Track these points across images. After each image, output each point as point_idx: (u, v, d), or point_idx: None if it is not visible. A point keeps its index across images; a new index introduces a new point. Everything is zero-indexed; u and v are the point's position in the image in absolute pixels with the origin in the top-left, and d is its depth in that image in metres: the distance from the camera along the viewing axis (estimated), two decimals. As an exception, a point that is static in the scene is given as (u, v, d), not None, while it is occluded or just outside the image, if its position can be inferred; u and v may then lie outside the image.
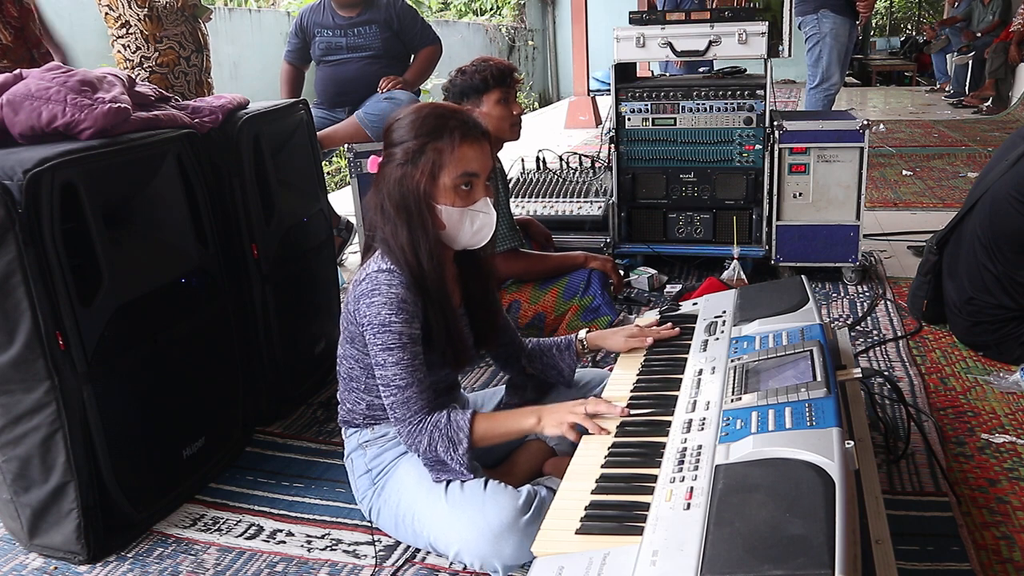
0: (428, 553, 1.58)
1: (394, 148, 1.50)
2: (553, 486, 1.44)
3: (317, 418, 2.21)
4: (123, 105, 1.67)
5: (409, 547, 1.61)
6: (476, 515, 1.43)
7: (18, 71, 1.70)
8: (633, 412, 1.46)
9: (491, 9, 11.60)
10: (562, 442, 1.72)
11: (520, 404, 1.83)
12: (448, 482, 1.50)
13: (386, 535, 1.64)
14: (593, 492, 1.24)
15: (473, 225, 1.52)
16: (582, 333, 1.83)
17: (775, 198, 2.98)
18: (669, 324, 1.80)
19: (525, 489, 1.48)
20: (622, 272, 3.09)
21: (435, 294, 1.51)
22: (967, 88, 8.90)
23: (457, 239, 1.54)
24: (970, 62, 8.89)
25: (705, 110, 3.05)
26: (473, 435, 1.46)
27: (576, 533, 1.15)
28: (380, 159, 1.56)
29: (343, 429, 1.69)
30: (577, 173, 3.60)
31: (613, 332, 1.81)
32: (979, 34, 8.84)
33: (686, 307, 1.92)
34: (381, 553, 1.61)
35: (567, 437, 1.45)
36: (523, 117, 2.49)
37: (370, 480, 1.61)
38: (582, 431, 1.44)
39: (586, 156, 3.71)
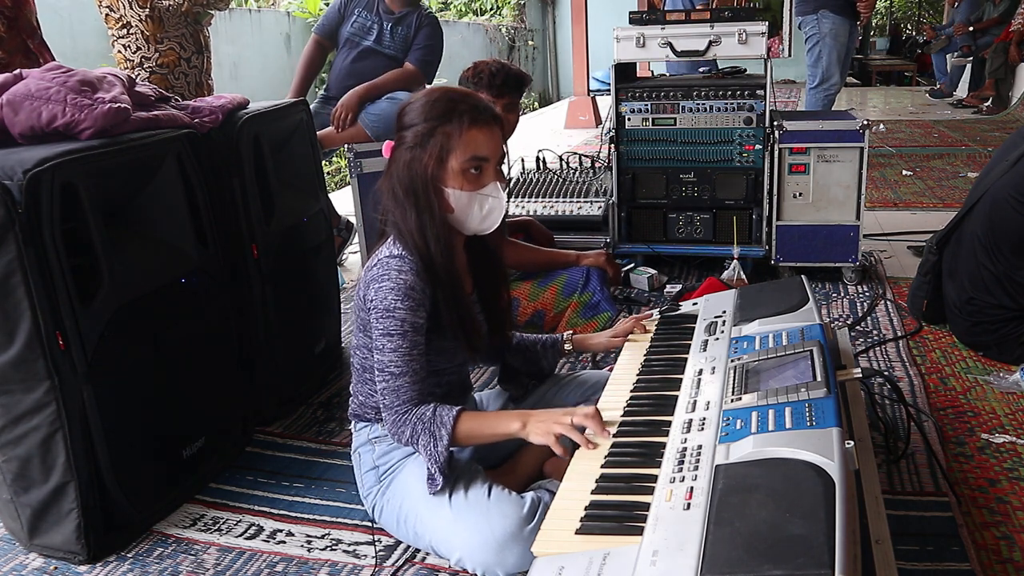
0: (428, 553, 1.58)
1: (405, 131, 1.52)
2: (555, 490, 1.44)
3: (317, 418, 2.21)
4: (123, 105, 1.67)
5: (409, 547, 1.61)
6: (480, 523, 1.42)
7: (18, 71, 1.70)
8: (633, 412, 1.46)
9: (491, 9, 11.60)
10: (563, 442, 1.72)
11: (521, 395, 1.85)
12: (452, 487, 1.49)
13: (386, 534, 1.64)
14: (593, 492, 1.24)
15: (483, 209, 1.53)
16: (567, 334, 1.87)
17: (775, 198, 2.98)
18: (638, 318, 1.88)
19: (529, 497, 1.47)
20: (622, 273, 3.09)
21: (445, 277, 1.52)
22: (967, 88, 8.89)
23: (466, 223, 1.54)
24: (969, 64, 8.88)
25: (705, 110, 3.04)
26: (456, 433, 1.45)
27: (576, 533, 1.15)
28: (393, 144, 1.57)
29: (353, 422, 1.69)
30: (577, 173, 3.59)
31: (596, 336, 1.89)
32: (972, 27, 8.83)
33: (686, 307, 1.92)
34: (381, 553, 1.61)
35: (553, 449, 1.41)
36: (522, 119, 2.53)
37: (376, 477, 1.61)
38: (567, 445, 1.41)
39: (586, 156, 3.71)
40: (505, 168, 1.67)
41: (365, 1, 3.49)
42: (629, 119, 3.12)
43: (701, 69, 3.70)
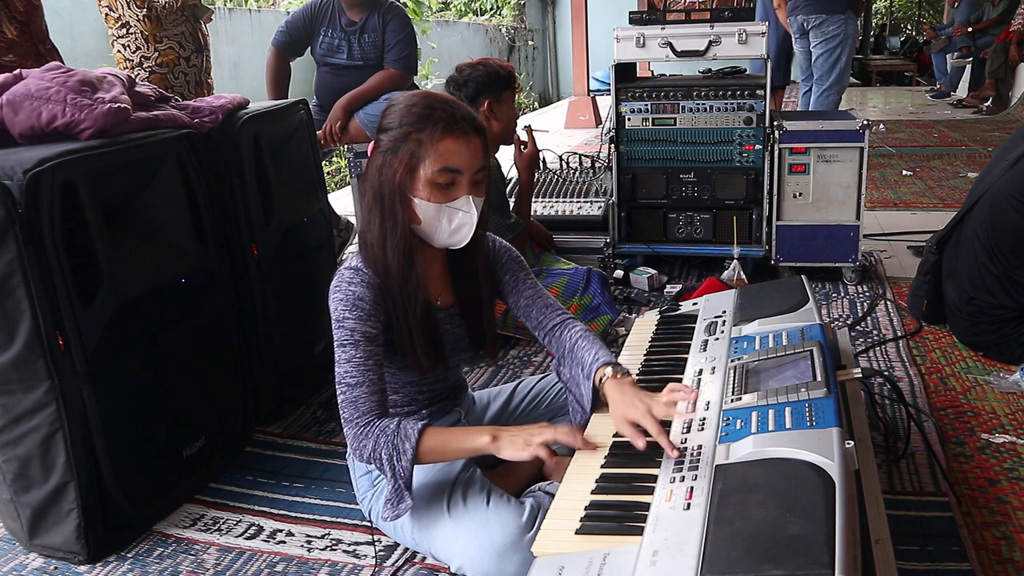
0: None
1: (382, 134, 1.47)
2: (554, 492, 1.43)
3: (317, 418, 2.21)
4: (123, 105, 1.67)
5: (409, 547, 1.61)
6: (480, 531, 1.40)
7: (18, 71, 1.70)
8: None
9: (491, 9, 11.59)
10: (561, 449, 1.71)
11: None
12: (450, 494, 1.47)
13: (386, 535, 1.64)
14: (593, 492, 1.24)
15: (451, 223, 1.46)
16: (608, 371, 1.47)
17: (775, 198, 2.98)
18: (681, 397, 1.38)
19: (528, 503, 1.46)
20: (621, 272, 3.09)
21: (399, 292, 1.47)
22: (967, 89, 8.89)
23: (434, 236, 1.49)
24: (968, 64, 8.88)
25: (705, 110, 3.04)
26: (420, 447, 1.37)
27: (576, 533, 1.15)
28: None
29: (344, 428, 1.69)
30: (577, 173, 3.60)
31: (615, 411, 1.41)
32: (971, 28, 8.83)
33: (686, 307, 1.92)
34: (381, 553, 1.61)
35: (534, 458, 1.34)
36: (522, 117, 2.53)
37: (370, 481, 1.61)
38: (565, 451, 1.37)
39: (586, 156, 3.71)
40: (504, 168, 1.65)
41: (328, 18, 3.45)
42: (629, 119, 3.12)
43: (700, 71, 3.70)
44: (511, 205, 2.78)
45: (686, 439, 1.27)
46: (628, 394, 1.38)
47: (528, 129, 2.76)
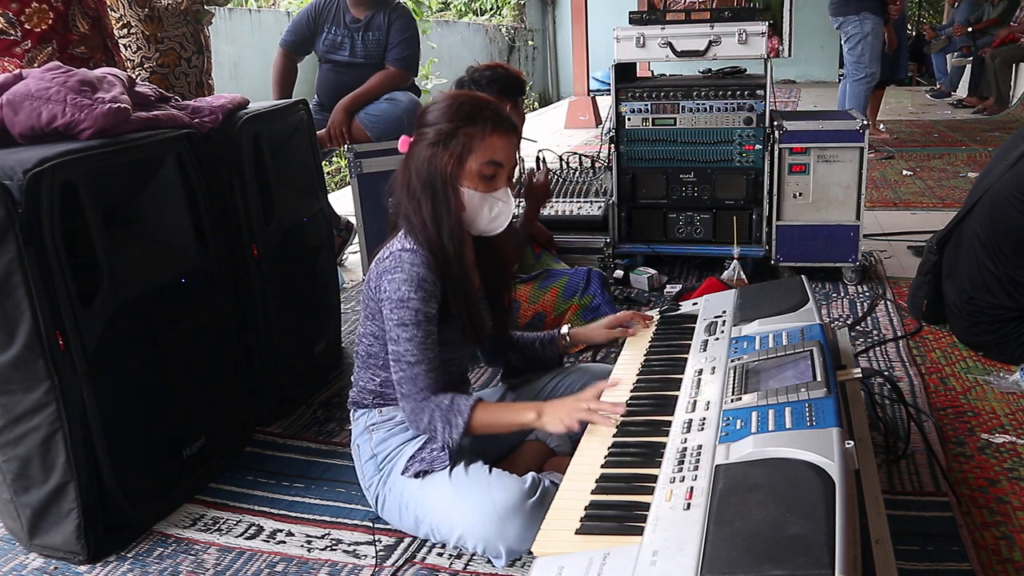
0: (428, 552, 1.59)
1: (427, 129, 1.57)
2: (555, 479, 1.45)
3: (317, 418, 2.21)
4: (123, 105, 1.67)
5: (409, 547, 1.61)
6: (482, 496, 1.46)
7: (18, 71, 1.70)
8: (633, 412, 1.46)
9: (491, 9, 11.59)
10: (563, 443, 1.73)
11: (520, 383, 1.88)
12: (452, 467, 1.52)
13: (386, 533, 1.64)
14: (593, 492, 1.24)
15: (492, 211, 1.59)
16: (565, 328, 1.89)
17: (775, 198, 2.98)
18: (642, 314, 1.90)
19: (530, 475, 1.51)
20: (621, 272, 3.09)
21: (455, 270, 1.56)
22: (967, 89, 8.89)
23: (475, 223, 1.60)
24: (968, 65, 8.88)
25: (705, 110, 3.04)
26: (472, 421, 1.50)
27: (576, 533, 1.15)
28: (411, 139, 1.62)
29: (352, 411, 1.72)
30: (577, 173, 3.60)
31: (593, 327, 1.90)
32: (971, 28, 8.83)
33: (686, 307, 1.92)
34: (381, 553, 1.61)
35: (572, 431, 1.48)
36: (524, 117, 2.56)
37: (375, 466, 1.63)
38: (567, 450, 1.46)
39: (586, 156, 3.71)
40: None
41: (332, 15, 3.45)
42: (629, 119, 3.12)
43: (700, 71, 3.69)
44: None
45: (686, 439, 1.27)
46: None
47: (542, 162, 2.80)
